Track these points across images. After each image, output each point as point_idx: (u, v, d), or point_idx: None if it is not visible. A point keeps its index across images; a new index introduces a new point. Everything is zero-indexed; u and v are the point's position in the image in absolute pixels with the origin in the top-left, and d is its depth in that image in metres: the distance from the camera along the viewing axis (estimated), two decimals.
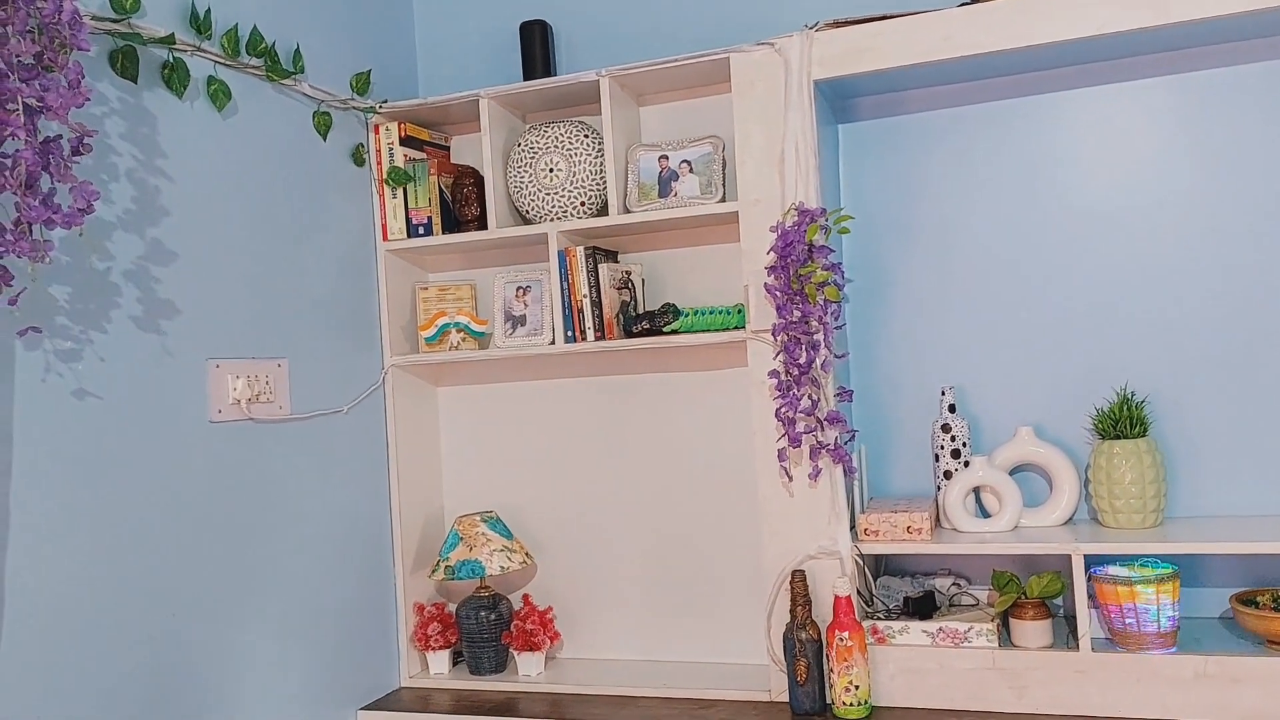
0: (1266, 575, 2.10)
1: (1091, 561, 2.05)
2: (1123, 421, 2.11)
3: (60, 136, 1.57)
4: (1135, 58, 2.18)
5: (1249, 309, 2.13)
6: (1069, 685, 1.98)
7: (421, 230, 2.46)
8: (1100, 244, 2.22)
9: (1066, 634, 2.10)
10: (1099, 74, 2.21)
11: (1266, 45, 2.10)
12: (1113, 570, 2.03)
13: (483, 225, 2.45)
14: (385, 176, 2.46)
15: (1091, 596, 2.03)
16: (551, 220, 2.37)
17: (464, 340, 2.48)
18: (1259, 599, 1.99)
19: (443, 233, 2.46)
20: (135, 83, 1.87)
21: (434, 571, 2.44)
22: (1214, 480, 2.15)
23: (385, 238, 2.48)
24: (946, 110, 2.31)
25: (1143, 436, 2.10)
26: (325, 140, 2.34)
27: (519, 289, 2.44)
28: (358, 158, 2.44)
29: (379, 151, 2.46)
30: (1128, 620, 1.98)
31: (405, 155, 2.45)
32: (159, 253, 1.91)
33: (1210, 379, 2.15)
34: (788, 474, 2.14)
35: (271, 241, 2.18)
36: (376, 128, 2.46)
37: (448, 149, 2.64)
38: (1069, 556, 2.02)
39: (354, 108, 2.43)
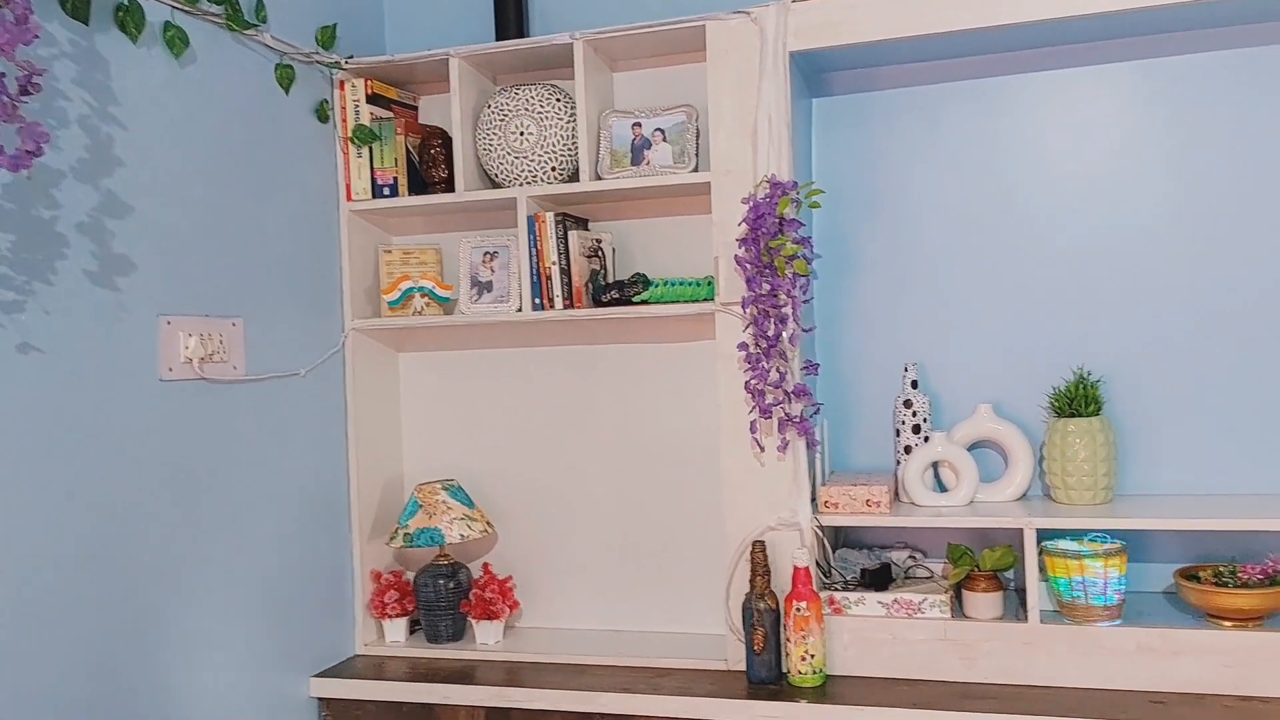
0: (1209, 551, 2.18)
1: (1043, 536, 2.10)
2: (1078, 400, 2.16)
3: (4, 75, 1.50)
4: (1104, 41, 2.22)
5: (1202, 293, 2.19)
6: (1017, 656, 2.03)
7: (387, 191, 2.41)
8: (1063, 226, 2.26)
9: (1017, 606, 2.15)
10: (1069, 56, 2.24)
11: (1230, 33, 2.16)
12: (1063, 544, 2.08)
13: (450, 188, 2.41)
14: (350, 135, 2.40)
15: (1042, 570, 2.09)
16: (521, 185, 2.34)
17: (428, 305, 2.44)
18: (1201, 574, 2.06)
19: (409, 194, 2.42)
20: (87, 25, 1.80)
21: (392, 539, 2.42)
22: (1163, 459, 2.22)
23: (349, 198, 2.43)
24: (918, 88, 2.33)
25: (1096, 415, 2.15)
26: (288, 95, 2.28)
27: (486, 254, 2.41)
28: (321, 114, 2.38)
29: (344, 109, 2.40)
30: (1076, 593, 2.04)
31: (371, 113, 2.40)
32: (111, 204, 1.85)
33: (1163, 361, 2.21)
34: (759, 445, 2.15)
35: (229, 196, 2.12)
36: (342, 84, 2.40)
37: (416, 109, 2.59)
38: (1021, 531, 2.07)
39: (318, 62, 2.37)
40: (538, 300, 2.29)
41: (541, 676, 2.22)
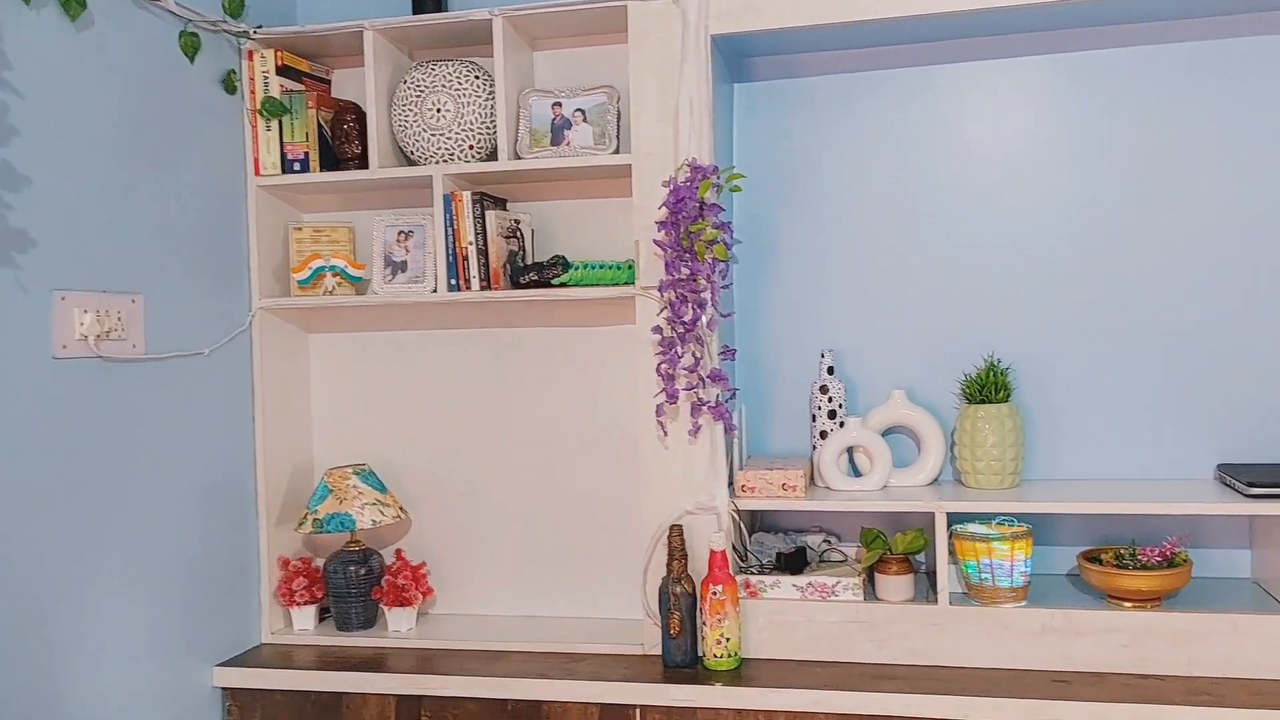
0: (1111, 534, 2.25)
1: (953, 519, 2.14)
2: (988, 387, 2.21)
3: None
4: (1019, 35, 2.26)
5: (1107, 284, 2.25)
6: (926, 637, 2.07)
7: (297, 166, 2.34)
8: (977, 217, 2.30)
9: (927, 589, 2.19)
10: (985, 48, 2.28)
11: (1139, 30, 2.21)
12: (971, 528, 2.13)
13: (363, 164, 2.35)
14: (259, 107, 2.32)
15: (952, 553, 2.13)
16: (437, 163, 2.29)
17: (340, 285, 2.38)
18: (1103, 556, 2.12)
19: (320, 170, 2.35)
20: None
21: (301, 524, 2.35)
22: (1068, 445, 2.28)
23: (257, 172, 2.35)
24: (839, 75, 2.34)
25: (1005, 402, 2.20)
26: (193, 64, 2.19)
27: (401, 233, 2.35)
28: (229, 85, 2.30)
29: (252, 80, 2.32)
30: (983, 575, 2.08)
31: (281, 86, 2.32)
32: (4, 174, 1.75)
33: (1069, 350, 2.27)
34: (664, 429, 2.15)
35: (130, 168, 2.03)
36: (250, 54, 2.32)
37: (328, 82, 2.51)
38: (932, 514, 2.11)
39: (225, 31, 2.28)
40: (454, 281, 2.25)
41: (455, 663, 2.18)
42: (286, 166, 2.34)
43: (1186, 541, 2.14)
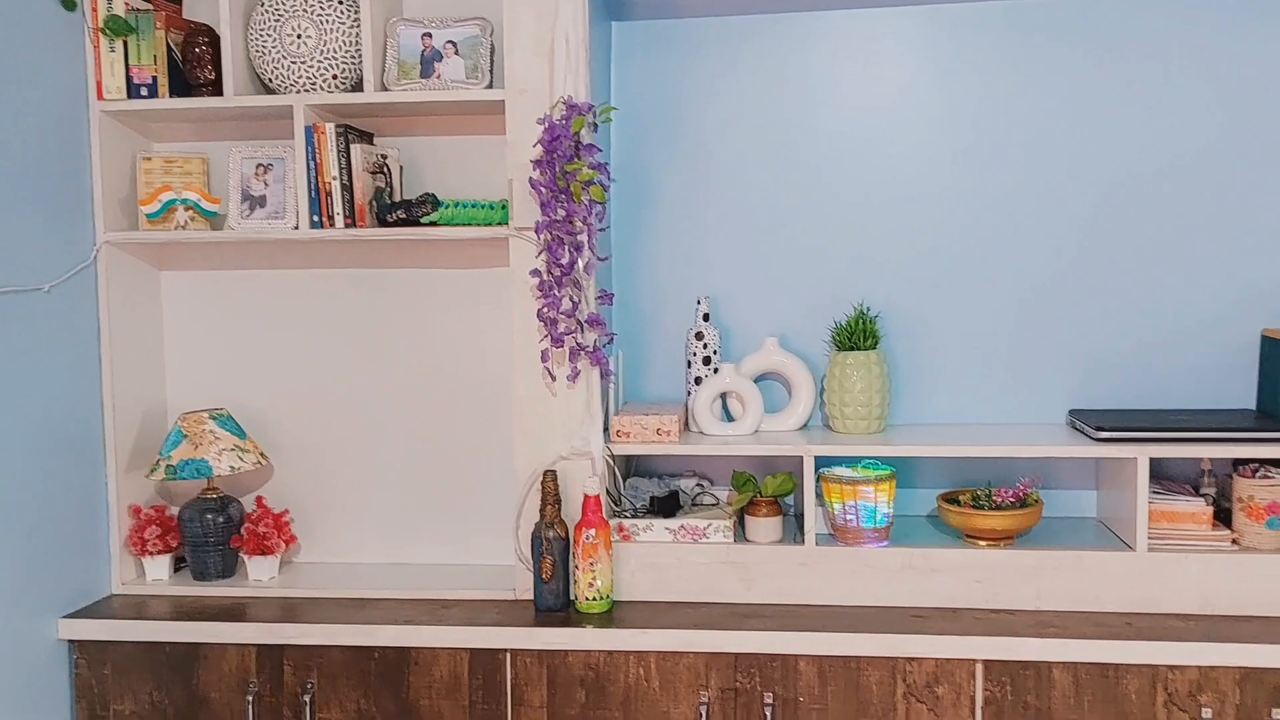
0: (969, 477, 2.34)
1: (821, 463, 2.19)
2: (857, 335, 2.25)
3: None
4: None
5: (973, 236, 2.31)
6: (793, 577, 2.12)
7: (144, 91, 2.18)
8: (850, 166, 2.33)
9: (795, 530, 2.24)
10: None
11: None
12: (838, 471, 2.18)
13: (218, 91, 2.21)
14: (101, 25, 2.15)
15: (819, 495, 2.18)
16: (298, 92, 2.17)
17: (193, 219, 2.24)
18: (961, 498, 2.21)
19: (170, 96, 2.20)
20: None
21: (153, 471, 2.24)
22: (933, 391, 2.35)
23: (100, 96, 2.19)
24: (718, 19, 2.32)
25: (873, 349, 2.25)
26: None
27: (259, 166, 2.23)
28: (68, 1, 2.12)
29: None
30: (848, 517, 2.14)
31: (127, 3, 2.15)
32: None
33: (936, 299, 2.33)
34: (551, 375, 2.12)
35: None
36: None
37: (179, 2, 2.35)
38: (801, 458, 2.15)
39: None
40: (316, 218, 2.15)
41: (319, 612, 2.13)
42: (133, 91, 2.18)
43: (1038, 483, 2.24)
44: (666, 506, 2.24)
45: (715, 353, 2.30)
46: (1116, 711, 1.89)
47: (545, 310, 2.07)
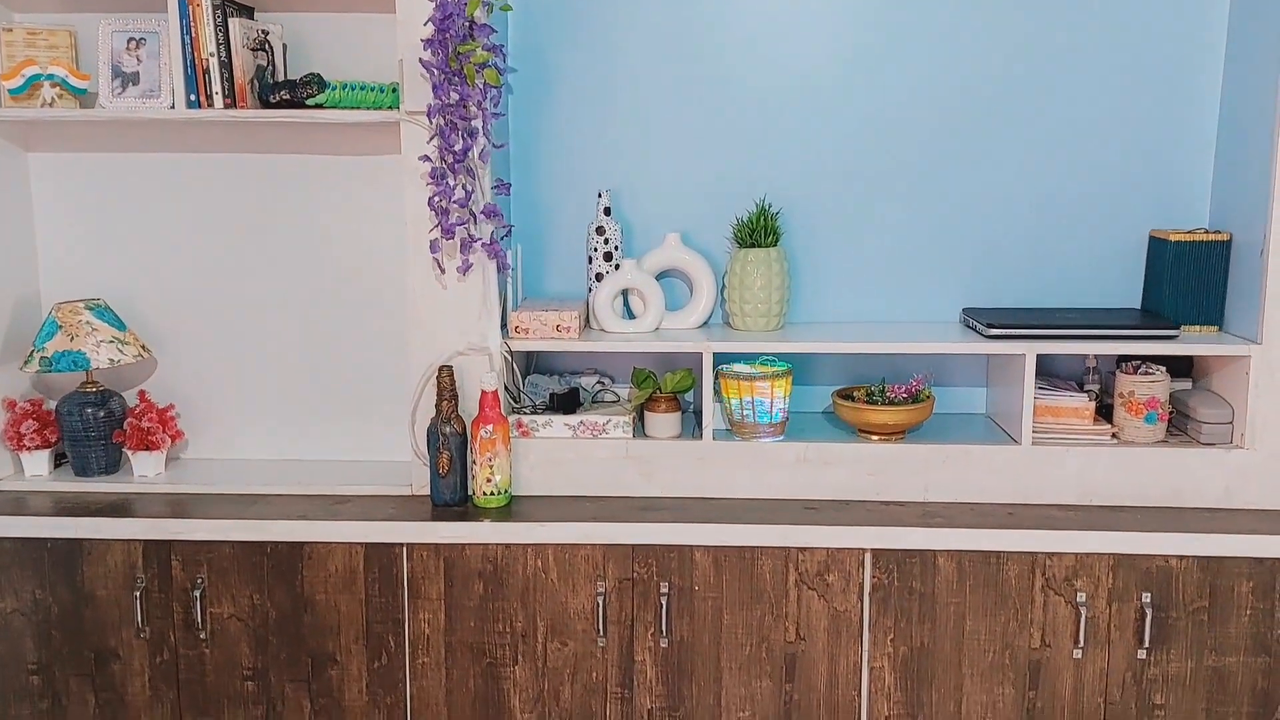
0: (864, 373, 2.37)
1: (719, 360, 2.19)
2: (758, 231, 2.23)
3: None
4: None
5: (871, 132, 2.29)
6: (691, 470, 2.14)
7: None
8: (753, 60, 2.27)
9: (694, 426, 2.25)
10: None
11: None
12: (736, 367, 2.19)
13: None
14: None
15: (717, 392, 2.19)
16: None
17: (60, 97, 2.10)
18: (855, 393, 2.24)
19: None
20: None
21: (27, 363, 2.14)
22: (831, 288, 2.36)
23: None
24: None
25: (774, 246, 2.24)
26: None
27: (131, 40, 2.09)
28: None
29: None
30: (745, 412, 2.15)
31: None
32: None
33: (835, 196, 2.32)
34: (440, 266, 2.06)
35: None
36: None
37: None
38: (700, 355, 2.15)
39: None
40: (194, 97, 2.03)
41: (208, 507, 2.08)
42: None
43: (930, 379, 2.28)
44: (566, 403, 2.22)
45: (616, 248, 2.27)
46: (996, 595, 1.97)
47: (437, 199, 2.00)
